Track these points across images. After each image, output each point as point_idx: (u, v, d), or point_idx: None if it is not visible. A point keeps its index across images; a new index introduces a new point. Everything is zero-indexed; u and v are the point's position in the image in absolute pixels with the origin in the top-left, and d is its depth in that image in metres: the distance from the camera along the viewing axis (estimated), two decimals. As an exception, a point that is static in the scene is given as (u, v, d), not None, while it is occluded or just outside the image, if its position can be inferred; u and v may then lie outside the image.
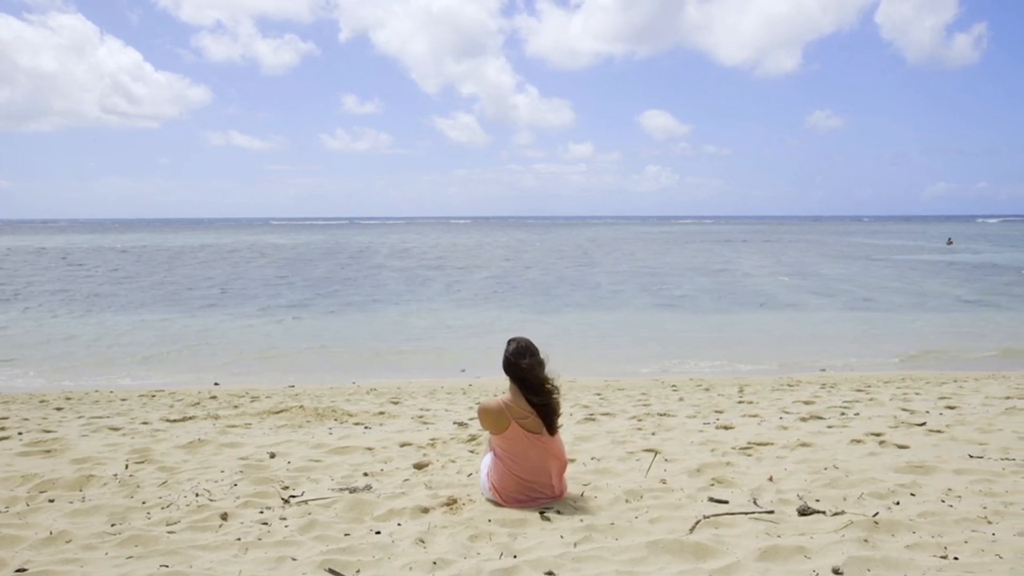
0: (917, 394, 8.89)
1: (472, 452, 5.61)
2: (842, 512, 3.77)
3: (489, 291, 25.89)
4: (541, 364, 4.08)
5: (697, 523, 3.61)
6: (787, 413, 7.50)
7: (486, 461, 4.29)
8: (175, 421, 7.64)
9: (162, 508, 4.08)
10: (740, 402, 8.61)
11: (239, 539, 3.50)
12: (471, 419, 7.21)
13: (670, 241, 71.05)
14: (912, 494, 4.15)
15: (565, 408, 8.27)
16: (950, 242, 60.68)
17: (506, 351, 4.14)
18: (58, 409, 8.71)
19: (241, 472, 4.94)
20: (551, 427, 4.07)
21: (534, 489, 4.06)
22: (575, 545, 3.37)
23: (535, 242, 68.94)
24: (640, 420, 7.25)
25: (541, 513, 3.89)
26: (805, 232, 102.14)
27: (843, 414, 7.33)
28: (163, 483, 4.62)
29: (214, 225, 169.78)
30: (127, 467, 5.09)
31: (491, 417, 4.08)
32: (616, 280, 29.63)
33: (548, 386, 4.06)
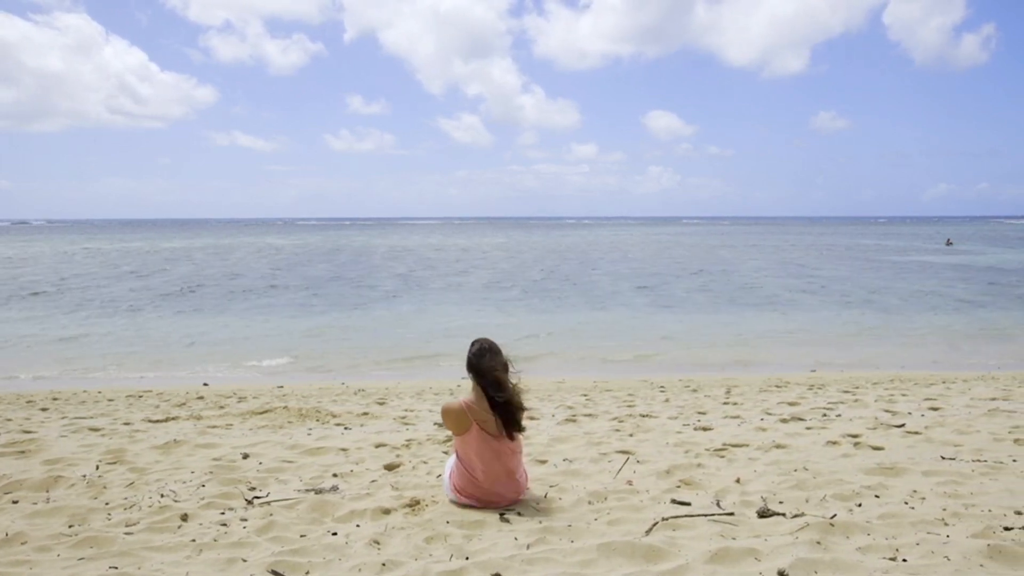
0: (904, 395, 8.86)
1: (446, 453, 5.59)
2: (802, 514, 3.76)
3: (487, 292, 25.90)
4: (504, 366, 4.07)
5: (654, 525, 3.60)
6: (769, 414, 7.48)
7: (450, 462, 4.28)
8: (157, 422, 7.63)
9: (124, 509, 4.08)
10: (725, 403, 8.58)
11: (194, 540, 3.50)
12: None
13: (670, 242, 70.99)
14: (876, 496, 4.14)
15: (549, 409, 8.27)
16: (949, 243, 60.73)
17: (469, 351, 4.13)
18: (43, 410, 8.72)
19: (211, 473, 4.94)
20: (512, 429, 4.06)
21: (495, 490, 4.05)
22: (528, 547, 3.36)
23: (534, 243, 68.93)
24: (621, 421, 7.22)
25: (501, 515, 3.88)
26: (806, 232, 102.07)
27: (825, 415, 7.30)
28: (130, 484, 4.62)
29: (219, 225, 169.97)
30: (98, 468, 5.10)
31: (452, 417, 4.08)
32: (614, 281, 29.62)
33: (510, 388, 4.05)
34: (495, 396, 3.99)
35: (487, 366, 4.02)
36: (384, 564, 3.14)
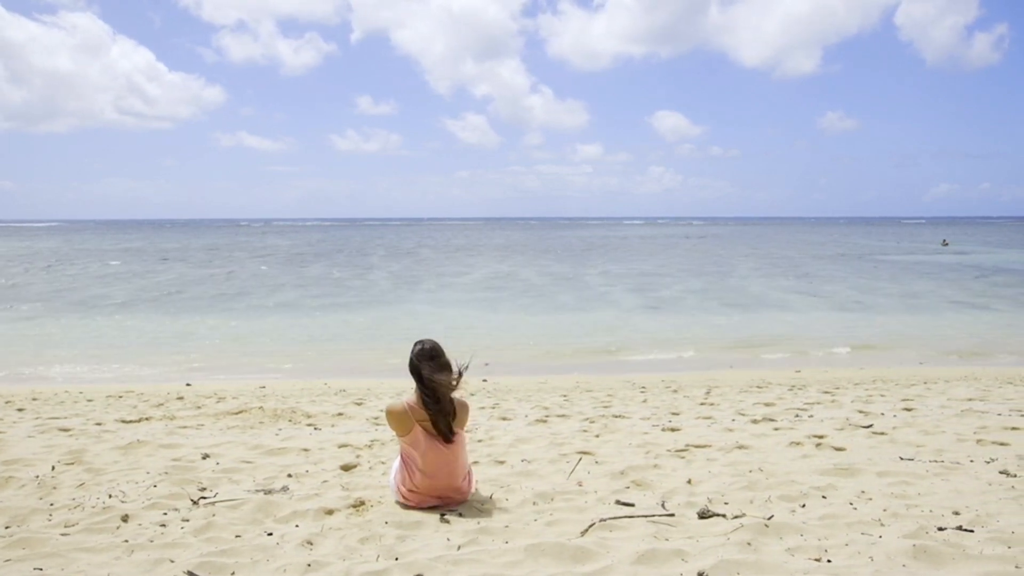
0: (882, 396, 8.83)
1: (404, 454, 5.58)
2: (742, 515, 3.73)
3: (481, 291, 25.91)
4: (444, 368, 4.05)
5: (591, 526, 3.58)
6: (741, 415, 7.45)
7: (395, 463, 4.27)
8: (130, 422, 7.63)
9: (69, 510, 4.07)
10: (702, 404, 8.55)
11: (127, 541, 3.49)
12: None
13: (669, 243, 70.92)
14: (823, 496, 4.11)
15: (524, 410, 8.24)
16: (945, 243, 60.76)
17: (411, 352, 4.12)
18: (19, 410, 8.72)
19: (166, 473, 4.93)
20: (448, 431, 4.04)
21: (437, 490, 4.03)
22: (458, 548, 3.34)
23: (533, 243, 69.00)
24: (592, 422, 7.20)
25: (441, 515, 3.86)
26: (806, 233, 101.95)
27: (797, 416, 7.27)
28: (80, 484, 4.61)
29: (218, 225, 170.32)
30: (53, 469, 5.09)
31: (395, 419, 4.07)
32: (607, 281, 29.59)
33: (446, 396, 4.04)
34: (429, 404, 3.99)
35: (428, 370, 4.01)
36: (310, 565, 3.13)
